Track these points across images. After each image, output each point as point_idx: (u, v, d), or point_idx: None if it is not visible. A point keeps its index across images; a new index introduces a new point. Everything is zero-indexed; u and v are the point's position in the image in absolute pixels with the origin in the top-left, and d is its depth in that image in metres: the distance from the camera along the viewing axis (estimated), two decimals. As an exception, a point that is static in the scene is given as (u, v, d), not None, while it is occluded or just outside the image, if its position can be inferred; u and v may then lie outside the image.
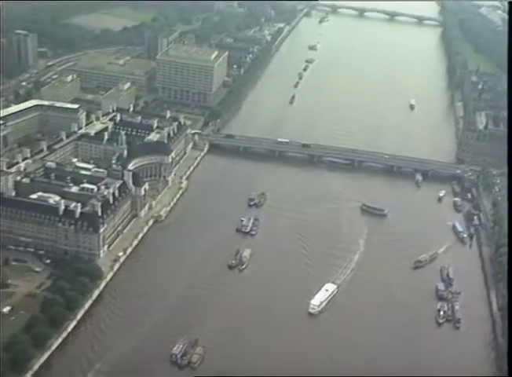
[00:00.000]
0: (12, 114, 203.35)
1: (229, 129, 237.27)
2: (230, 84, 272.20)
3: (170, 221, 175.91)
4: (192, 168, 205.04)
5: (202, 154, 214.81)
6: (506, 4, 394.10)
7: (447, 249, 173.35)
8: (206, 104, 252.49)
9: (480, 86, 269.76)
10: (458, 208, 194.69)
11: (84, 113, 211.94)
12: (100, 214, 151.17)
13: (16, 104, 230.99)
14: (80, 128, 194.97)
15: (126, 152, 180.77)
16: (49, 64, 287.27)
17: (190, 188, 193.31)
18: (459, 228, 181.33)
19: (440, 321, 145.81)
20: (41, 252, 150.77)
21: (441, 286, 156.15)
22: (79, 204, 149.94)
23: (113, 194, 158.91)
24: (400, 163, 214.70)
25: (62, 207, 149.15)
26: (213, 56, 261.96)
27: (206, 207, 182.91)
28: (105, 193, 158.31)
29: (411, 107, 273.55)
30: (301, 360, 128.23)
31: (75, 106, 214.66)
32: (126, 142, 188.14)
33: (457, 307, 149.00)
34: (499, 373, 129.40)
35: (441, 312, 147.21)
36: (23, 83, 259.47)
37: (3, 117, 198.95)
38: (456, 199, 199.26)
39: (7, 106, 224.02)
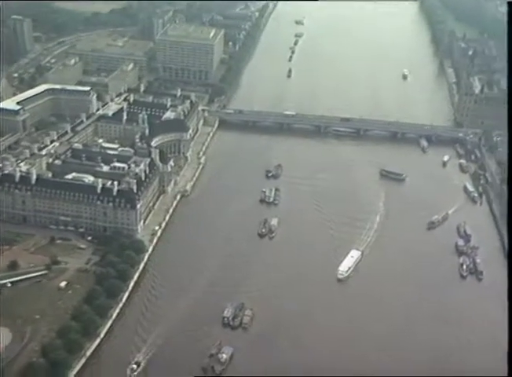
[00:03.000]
0: (26, 99, 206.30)
1: (234, 104, 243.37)
2: (227, 61, 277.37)
3: (196, 195, 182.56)
4: (206, 144, 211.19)
5: (213, 130, 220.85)
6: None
7: (459, 208, 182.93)
8: (208, 81, 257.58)
9: (470, 52, 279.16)
10: (465, 169, 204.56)
11: (95, 95, 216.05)
12: (135, 190, 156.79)
13: (21, 89, 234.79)
14: (98, 109, 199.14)
15: (147, 131, 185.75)
16: (45, 47, 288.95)
17: (208, 163, 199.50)
18: (470, 188, 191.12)
19: (464, 274, 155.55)
20: (81, 230, 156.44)
21: (461, 242, 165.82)
22: (116, 182, 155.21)
23: (144, 171, 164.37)
24: (404, 129, 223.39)
25: (100, 186, 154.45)
26: (212, 34, 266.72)
27: (227, 180, 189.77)
28: (137, 171, 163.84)
29: (404, 76, 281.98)
30: (334, 323, 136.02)
31: (86, 88, 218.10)
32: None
33: (478, 260, 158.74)
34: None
35: (464, 266, 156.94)
36: (25, 69, 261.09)
37: (20, 102, 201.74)
38: (462, 161, 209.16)
39: (15, 92, 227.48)
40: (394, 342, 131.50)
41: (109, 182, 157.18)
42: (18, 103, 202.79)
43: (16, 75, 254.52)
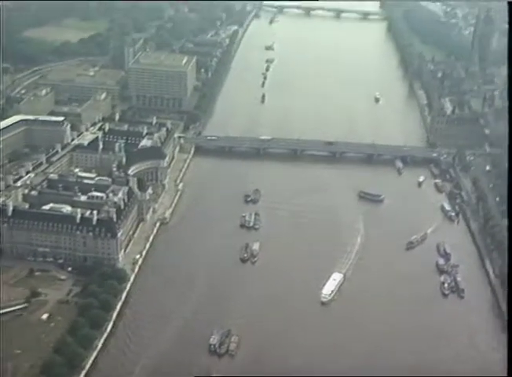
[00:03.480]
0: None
1: (209, 131, 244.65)
2: (200, 88, 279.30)
3: (175, 222, 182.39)
4: (183, 170, 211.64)
5: (190, 156, 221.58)
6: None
7: (437, 227, 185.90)
8: (182, 108, 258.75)
9: (439, 74, 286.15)
10: (441, 189, 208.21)
11: (69, 125, 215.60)
12: (115, 219, 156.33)
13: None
14: (73, 139, 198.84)
15: (124, 159, 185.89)
16: (14, 79, 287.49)
17: (186, 190, 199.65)
18: (447, 207, 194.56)
19: (446, 292, 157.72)
20: (60, 261, 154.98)
21: (441, 260, 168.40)
22: (95, 211, 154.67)
23: (123, 200, 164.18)
24: (380, 151, 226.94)
25: (79, 215, 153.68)
26: (184, 61, 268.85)
27: (206, 206, 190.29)
28: (115, 200, 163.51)
29: (376, 99, 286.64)
30: (321, 347, 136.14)
31: (60, 118, 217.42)
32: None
33: (459, 278, 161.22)
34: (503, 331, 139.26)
35: (445, 285, 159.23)
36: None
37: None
38: (437, 180, 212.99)
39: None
40: (380, 362, 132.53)
41: (88, 212, 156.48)
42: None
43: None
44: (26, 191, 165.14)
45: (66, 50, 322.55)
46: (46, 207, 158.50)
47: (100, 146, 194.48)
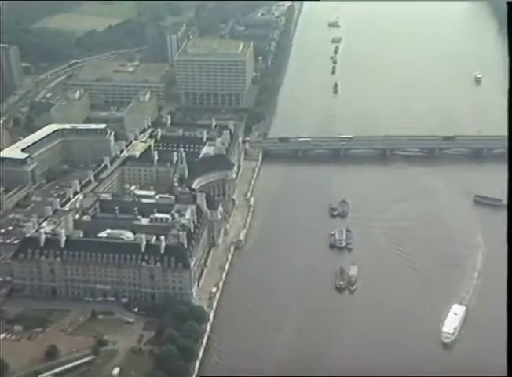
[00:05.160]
0: (32, 144, 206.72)
1: (276, 131, 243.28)
2: (259, 79, 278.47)
3: (252, 246, 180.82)
4: (252, 182, 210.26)
5: (258, 164, 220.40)
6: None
7: None
8: (240, 106, 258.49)
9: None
10: None
11: (113, 133, 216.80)
12: (186, 245, 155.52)
13: (17, 132, 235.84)
14: (121, 151, 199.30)
15: (186, 172, 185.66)
16: (37, 80, 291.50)
17: (259, 206, 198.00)
18: None
19: None
20: (124, 300, 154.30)
21: None
22: (162, 237, 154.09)
23: (192, 221, 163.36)
24: (490, 144, 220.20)
25: (144, 243, 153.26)
26: (240, 48, 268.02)
27: (285, 224, 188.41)
28: (183, 221, 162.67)
29: (477, 80, 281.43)
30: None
31: (102, 126, 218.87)
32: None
33: None
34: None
35: None
36: (18, 108, 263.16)
37: (25, 149, 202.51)
38: None
39: (12, 137, 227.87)
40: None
41: (153, 238, 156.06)
42: (23, 150, 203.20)
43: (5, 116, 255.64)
44: (77, 216, 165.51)
45: (92, 42, 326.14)
46: (103, 234, 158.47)
47: (156, 157, 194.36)
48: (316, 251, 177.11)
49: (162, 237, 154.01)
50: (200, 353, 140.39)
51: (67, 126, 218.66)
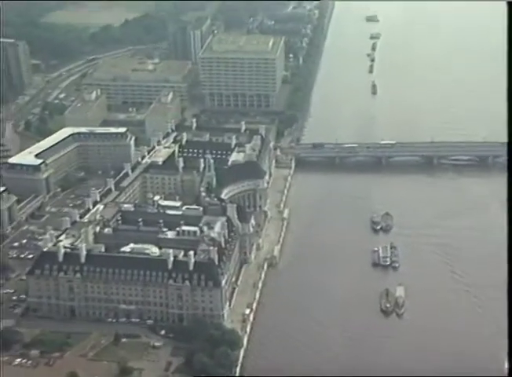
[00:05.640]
0: (46, 150, 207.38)
1: (310, 137, 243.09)
2: (289, 79, 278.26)
3: (287, 263, 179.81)
4: (285, 192, 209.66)
5: (291, 172, 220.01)
6: None
7: None
8: (270, 108, 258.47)
9: None
10: None
11: (133, 138, 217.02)
12: (217, 262, 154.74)
13: (28, 136, 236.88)
14: (143, 157, 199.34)
15: (214, 180, 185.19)
16: (47, 79, 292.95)
17: (293, 218, 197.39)
18: None
19: None
20: (149, 321, 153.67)
21: None
22: (191, 252, 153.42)
23: (223, 235, 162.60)
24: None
25: (171, 259, 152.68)
26: (270, 44, 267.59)
27: (323, 240, 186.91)
28: (212, 235, 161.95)
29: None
30: None
31: (122, 130, 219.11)
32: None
33: None
34: None
35: None
36: (28, 109, 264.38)
37: (38, 154, 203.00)
38: None
39: (24, 142, 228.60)
40: None
41: (180, 253, 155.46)
42: (37, 155, 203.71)
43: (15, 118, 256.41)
44: (97, 228, 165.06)
45: (107, 38, 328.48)
46: (126, 249, 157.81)
47: (181, 164, 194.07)
48: (358, 270, 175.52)
49: (191, 252, 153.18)
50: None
51: (83, 129, 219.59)
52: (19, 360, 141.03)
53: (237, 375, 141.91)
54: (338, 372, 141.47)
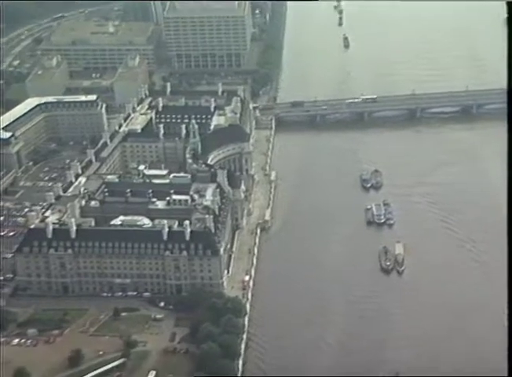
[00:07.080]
0: (13, 122, 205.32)
1: (286, 95, 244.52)
2: (258, 36, 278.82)
3: (279, 226, 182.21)
4: (269, 154, 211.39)
5: (271, 133, 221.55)
6: None
7: None
8: (242, 67, 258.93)
9: None
10: None
11: (104, 106, 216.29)
12: (213, 230, 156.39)
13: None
14: (120, 125, 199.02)
15: (199, 146, 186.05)
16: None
17: (281, 181, 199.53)
18: None
19: None
20: (146, 294, 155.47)
21: None
22: (187, 222, 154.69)
23: (217, 202, 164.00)
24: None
25: (166, 230, 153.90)
26: (237, 2, 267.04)
27: (313, 200, 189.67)
28: (205, 203, 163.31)
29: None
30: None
31: (92, 97, 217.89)
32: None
33: None
34: None
35: None
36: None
37: (6, 127, 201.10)
38: None
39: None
40: None
41: (175, 223, 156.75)
42: (4, 128, 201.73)
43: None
44: (83, 202, 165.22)
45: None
46: (116, 222, 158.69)
47: (161, 131, 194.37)
48: (353, 229, 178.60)
49: (187, 222, 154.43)
50: (242, 351, 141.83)
51: (50, 98, 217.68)
52: (17, 340, 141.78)
53: (244, 342, 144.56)
54: (347, 337, 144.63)
